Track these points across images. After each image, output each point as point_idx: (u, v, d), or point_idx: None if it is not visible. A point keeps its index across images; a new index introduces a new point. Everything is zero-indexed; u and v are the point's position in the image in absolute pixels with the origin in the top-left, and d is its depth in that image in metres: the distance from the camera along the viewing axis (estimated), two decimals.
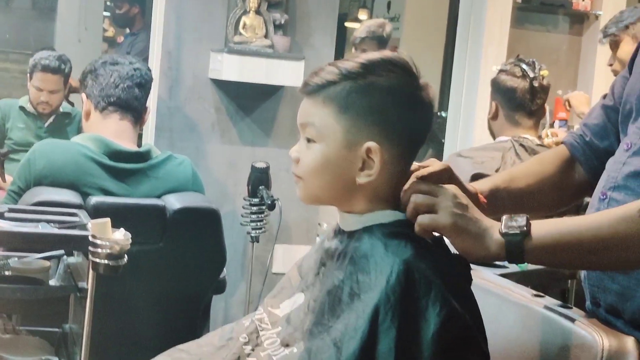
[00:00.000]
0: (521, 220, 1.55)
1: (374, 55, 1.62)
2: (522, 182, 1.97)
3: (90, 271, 1.92)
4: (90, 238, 1.91)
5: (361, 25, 5.80)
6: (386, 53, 1.63)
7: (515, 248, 1.53)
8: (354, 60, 1.61)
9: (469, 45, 4.98)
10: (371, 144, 1.57)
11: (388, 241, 1.56)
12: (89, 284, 1.95)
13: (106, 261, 1.89)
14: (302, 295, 1.67)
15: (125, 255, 1.91)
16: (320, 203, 1.68)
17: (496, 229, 1.54)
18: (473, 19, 4.97)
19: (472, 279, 1.64)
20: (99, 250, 1.89)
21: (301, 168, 1.62)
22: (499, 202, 1.90)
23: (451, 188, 1.58)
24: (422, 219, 1.54)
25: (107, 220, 1.93)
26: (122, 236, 1.92)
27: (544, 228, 1.56)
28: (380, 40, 5.25)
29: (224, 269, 3.02)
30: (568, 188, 2.00)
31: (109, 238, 1.90)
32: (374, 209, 1.61)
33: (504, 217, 1.55)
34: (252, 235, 4.00)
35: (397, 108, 1.60)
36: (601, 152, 1.94)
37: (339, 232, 1.67)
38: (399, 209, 1.62)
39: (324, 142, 1.58)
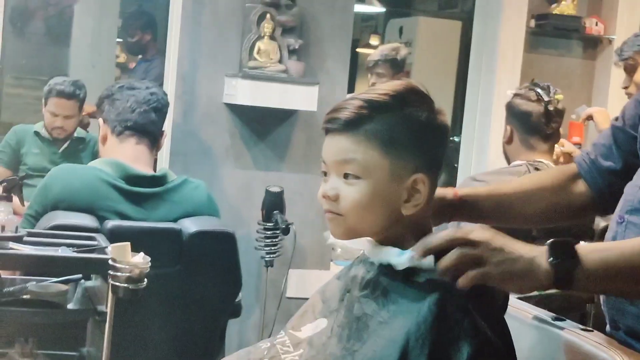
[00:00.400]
0: (567, 247, 1.52)
1: (397, 86, 1.63)
2: (509, 188, 1.98)
3: (110, 295, 1.93)
4: (110, 262, 1.92)
5: (377, 49, 5.81)
6: (405, 82, 1.64)
7: (565, 278, 1.51)
8: (379, 92, 1.61)
9: (482, 69, 4.99)
10: (419, 175, 1.58)
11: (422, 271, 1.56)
12: (108, 307, 1.95)
13: (126, 285, 1.90)
14: (325, 320, 1.67)
15: (145, 279, 1.92)
16: (359, 237, 1.66)
17: (542, 258, 1.51)
18: (486, 43, 4.98)
19: (507, 307, 1.63)
20: (119, 273, 1.90)
21: (343, 205, 1.60)
22: (480, 203, 1.90)
23: (483, 234, 1.54)
24: (472, 275, 1.50)
25: (127, 244, 1.93)
26: (141, 260, 1.93)
27: (593, 255, 1.53)
28: (393, 64, 5.25)
29: (240, 292, 3.02)
30: (566, 201, 1.99)
31: (129, 262, 1.91)
32: (411, 239, 1.60)
33: (548, 244, 1.52)
34: (267, 259, 4.00)
35: (432, 136, 1.61)
36: (604, 171, 1.95)
37: (366, 259, 1.67)
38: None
39: (370, 177, 1.58)
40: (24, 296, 2.12)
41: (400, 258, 1.56)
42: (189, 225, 2.83)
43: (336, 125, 1.61)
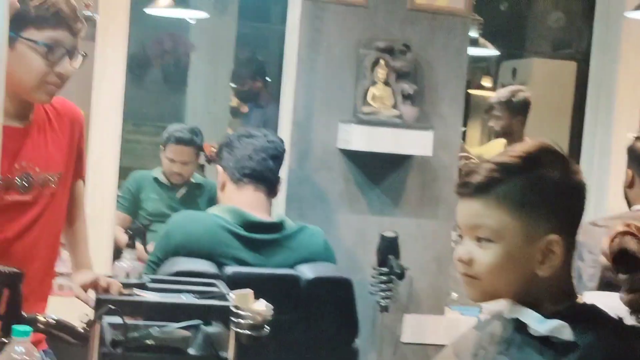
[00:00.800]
0: None
1: (529, 147, 1.63)
2: None
3: (232, 341, 1.96)
4: (232, 309, 1.95)
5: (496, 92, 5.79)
6: (538, 143, 1.63)
7: None
8: (511, 155, 1.62)
9: (599, 110, 4.90)
10: (552, 236, 1.57)
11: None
12: (230, 354, 1.98)
13: (248, 332, 1.93)
14: None
15: (267, 326, 1.94)
16: (495, 299, 1.66)
17: None
18: (604, 83, 4.89)
19: None
20: (242, 321, 1.93)
21: (477, 268, 1.60)
22: None
23: None
24: None
25: (250, 291, 1.97)
26: (263, 307, 1.95)
27: None
28: (509, 106, 5.23)
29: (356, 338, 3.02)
30: None
31: (251, 309, 1.94)
32: (549, 299, 1.59)
33: None
34: (382, 304, 3.98)
35: (566, 197, 1.60)
36: None
37: (503, 317, 1.66)
38: (573, 295, 1.60)
39: (502, 240, 1.58)
40: (148, 341, 2.17)
41: (541, 325, 1.55)
42: (307, 272, 2.85)
43: (468, 190, 1.62)
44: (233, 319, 1.97)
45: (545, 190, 1.58)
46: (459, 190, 1.64)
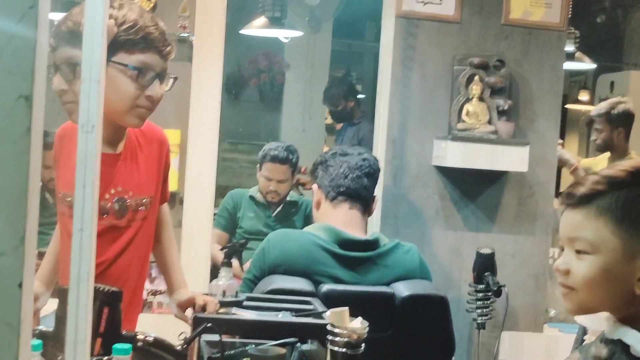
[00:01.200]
0: None
1: (638, 163, 1.60)
2: None
3: (328, 359, 1.97)
4: (328, 327, 1.96)
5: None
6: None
7: None
8: (619, 168, 1.59)
9: None
10: None
11: None
12: None
13: (344, 349, 1.94)
14: None
15: (363, 344, 1.95)
16: (591, 312, 1.64)
17: None
18: None
19: None
20: (337, 338, 1.94)
21: (574, 280, 1.59)
22: None
23: None
24: None
25: (345, 309, 1.97)
26: (359, 325, 1.96)
27: None
28: (609, 119, 5.14)
29: (453, 357, 3.00)
30: None
31: (347, 327, 1.94)
32: None
33: None
34: (478, 322, 3.95)
35: None
36: None
37: (607, 339, 1.64)
38: None
39: (600, 254, 1.56)
40: (245, 359, 2.20)
41: None
42: (402, 289, 2.85)
43: (571, 201, 1.61)
44: (329, 337, 1.98)
45: None
46: (563, 201, 1.63)
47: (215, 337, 2.05)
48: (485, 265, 3.86)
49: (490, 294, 3.85)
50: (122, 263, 2.50)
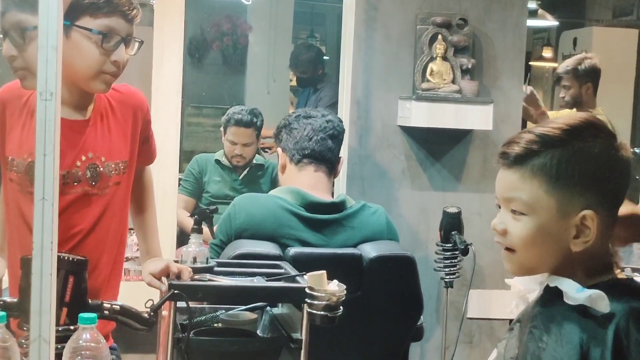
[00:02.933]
0: None
1: (573, 120, 1.59)
2: None
3: (306, 322, 1.97)
4: (307, 290, 1.96)
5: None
6: (584, 116, 1.60)
7: None
8: (553, 126, 1.58)
9: None
10: (587, 212, 1.54)
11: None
12: (303, 335, 1.99)
13: (323, 312, 1.94)
14: (495, 350, 1.68)
15: (341, 307, 1.95)
16: (533, 273, 1.64)
17: None
18: None
19: None
20: (316, 302, 1.94)
21: (512, 241, 1.59)
22: None
23: None
24: None
25: (323, 272, 1.98)
26: (337, 287, 1.96)
27: None
28: (576, 75, 5.16)
29: (421, 316, 3.02)
30: None
31: (326, 290, 1.95)
32: (583, 275, 1.58)
33: None
34: (446, 280, 3.97)
35: (605, 172, 1.57)
36: None
37: (542, 289, 1.66)
38: (611, 270, 1.58)
39: (535, 214, 1.56)
40: (216, 325, 2.20)
41: (578, 295, 1.53)
42: (369, 250, 2.85)
43: (506, 160, 1.60)
44: (307, 300, 1.98)
45: (582, 164, 1.55)
46: (498, 160, 1.62)
47: (182, 304, 2.03)
48: (452, 224, 3.87)
49: (457, 252, 3.87)
50: (100, 230, 2.48)
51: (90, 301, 1.96)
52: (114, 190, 2.50)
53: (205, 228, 2.35)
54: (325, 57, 7.81)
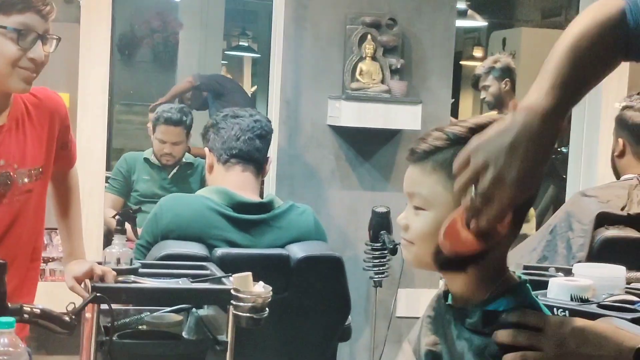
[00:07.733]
0: None
1: (481, 119, 1.59)
2: None
3: (231, 324, 1.96)
4: (232, 292, 1.95)
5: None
6: (492, 116, 1.60)
7: None
8: (461, 124, 1.58)
9: None
10: None
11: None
12: (229, 336, 1.98)
13: (249, 314, 1.93)
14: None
15: (267, 308, 1.94)
16: (429, 269, 1.64)
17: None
18: None
19: None
20: (242, 303, 1.93)
21: (411, 234, 1.59)
22: None
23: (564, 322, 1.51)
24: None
25: (249, 274, 1.97)
26: (262, 289, 1.95)
27: None
28: (495, 74, 5.30)
29: (349, 316, 3.02)
30: None
31: (252, 291, 1.94)
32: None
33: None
34: (375, 280, 3.98)
35: None
36: None
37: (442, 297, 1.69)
38: (509, 278, 1.60)
39: (433, 209, 1.55)
40: (140, 327, 2.17)
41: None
42: (297, 251, 2.85)
43: (412, 157, 1.60)
44: (233, 302, 1.97)
45: None
46: (407, 156, 1.63)
47: (105, 307, 2.00)
48: (380, 223, 3.88)
49: (386, 252, 3.88)
50: (11, 238, 2.42)
51: (9, 305, 1.92)
52: (26, 198, 2.44)
53: (128, 228, 2.33)
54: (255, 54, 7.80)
